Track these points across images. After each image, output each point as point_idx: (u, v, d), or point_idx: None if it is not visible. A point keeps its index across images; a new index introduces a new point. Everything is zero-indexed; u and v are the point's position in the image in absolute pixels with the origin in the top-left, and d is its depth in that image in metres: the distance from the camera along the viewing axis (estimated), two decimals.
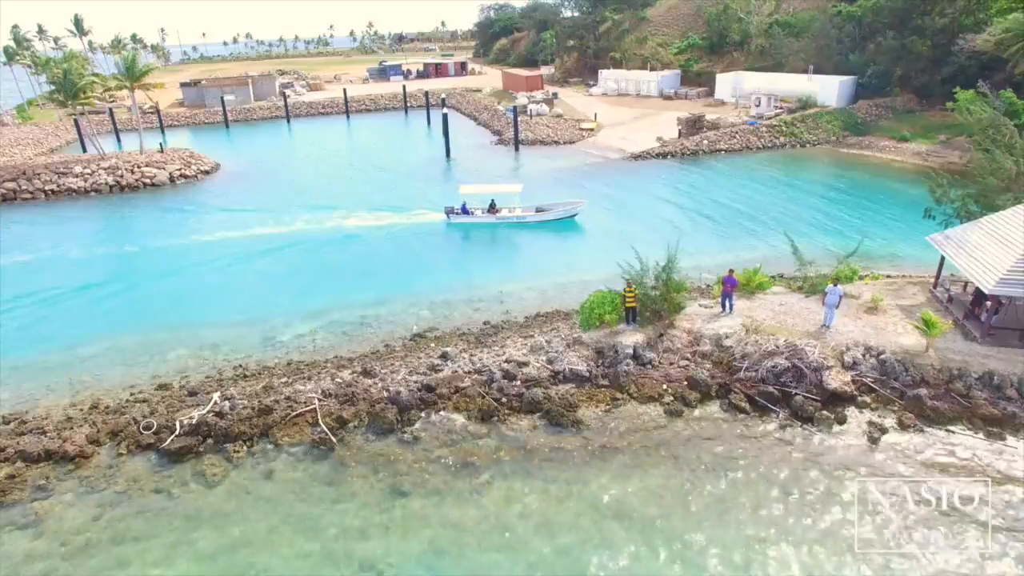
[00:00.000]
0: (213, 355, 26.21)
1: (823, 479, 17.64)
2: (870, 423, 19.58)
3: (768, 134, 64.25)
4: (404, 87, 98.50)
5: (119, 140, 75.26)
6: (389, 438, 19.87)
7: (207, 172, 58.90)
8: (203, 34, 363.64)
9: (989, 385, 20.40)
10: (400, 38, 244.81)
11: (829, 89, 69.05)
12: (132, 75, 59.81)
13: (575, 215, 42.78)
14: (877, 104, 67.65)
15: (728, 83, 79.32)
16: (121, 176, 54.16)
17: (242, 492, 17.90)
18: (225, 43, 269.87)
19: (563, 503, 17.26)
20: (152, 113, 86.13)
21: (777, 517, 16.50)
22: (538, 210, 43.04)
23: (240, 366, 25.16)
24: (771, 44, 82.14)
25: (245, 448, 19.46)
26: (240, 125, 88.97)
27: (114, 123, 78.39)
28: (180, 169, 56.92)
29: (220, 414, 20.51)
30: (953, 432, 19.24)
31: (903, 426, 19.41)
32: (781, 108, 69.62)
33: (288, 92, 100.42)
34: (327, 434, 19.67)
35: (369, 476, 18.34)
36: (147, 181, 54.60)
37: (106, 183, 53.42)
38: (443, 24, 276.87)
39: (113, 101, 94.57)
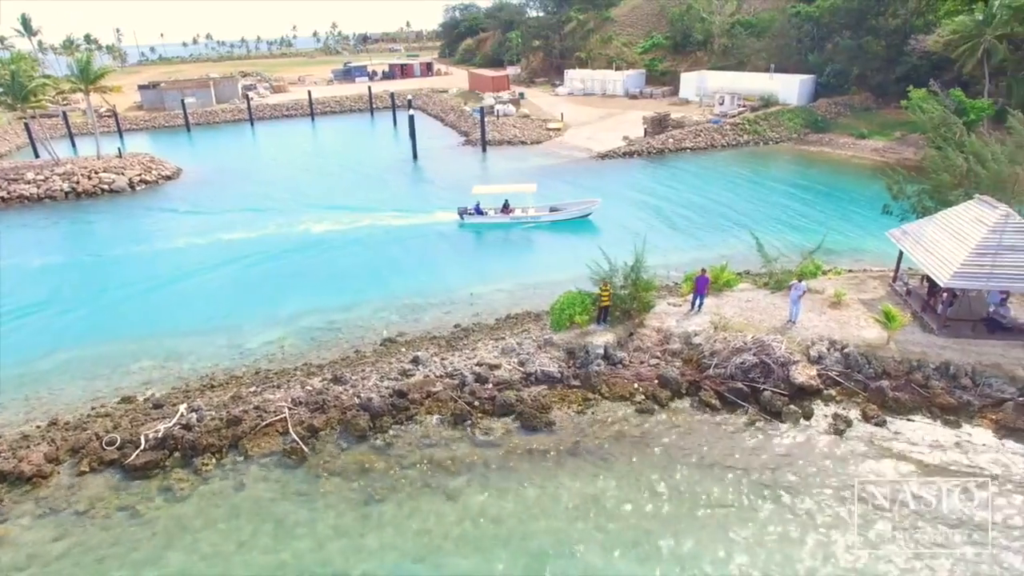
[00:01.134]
0: (179, 365, 25.65)
1: (793, 473, 17.99)
2: (835, 416, 20.05)
3: (732, 132, 65.31)
4: (369, 88, 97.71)
5: (74, 145, 73.18)
6: (362, 445, 19.68)
7: (169, 177, 57.55)
8: (161, 35, 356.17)
9: (946, 375, 21.06)
10: (365, 39, 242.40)
11: (790, 88, 70.51)
12: (87, 77, 58.07)
13: (589, 214, 42.69)
14: (836, 102, 69.28)
15: (692, 82, 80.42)
16: (77, 182, 52.58)
17: (212, 506, 17.53)
18: (184, 44, 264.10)
19: (538, 505, 17.30)
20: (109, 116, 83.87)
21: (750, 513, 16.77)
22: (552, 210, 42.89)
23: (207, 376, 24.67)
24: (733, 44, 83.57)
25: (214, 460, 19.06)
26: (202, 128, 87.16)
27: (68, 127, 76.10)
28: (140, 174, 55.51)
29: (187, 426, 20.04)
30: (913, 421, 19.82)
31: (867, 417, 19.92)
32: (744, 107, 70.84)
33: (251, 94, 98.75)
34: (298, 443, 19.40)
35: (342, 484, 18.14)
36: (105, 187, 53.10)
37: (61, 190, 51.81)
38: (408, 24, 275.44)
39: (67, 104, 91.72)
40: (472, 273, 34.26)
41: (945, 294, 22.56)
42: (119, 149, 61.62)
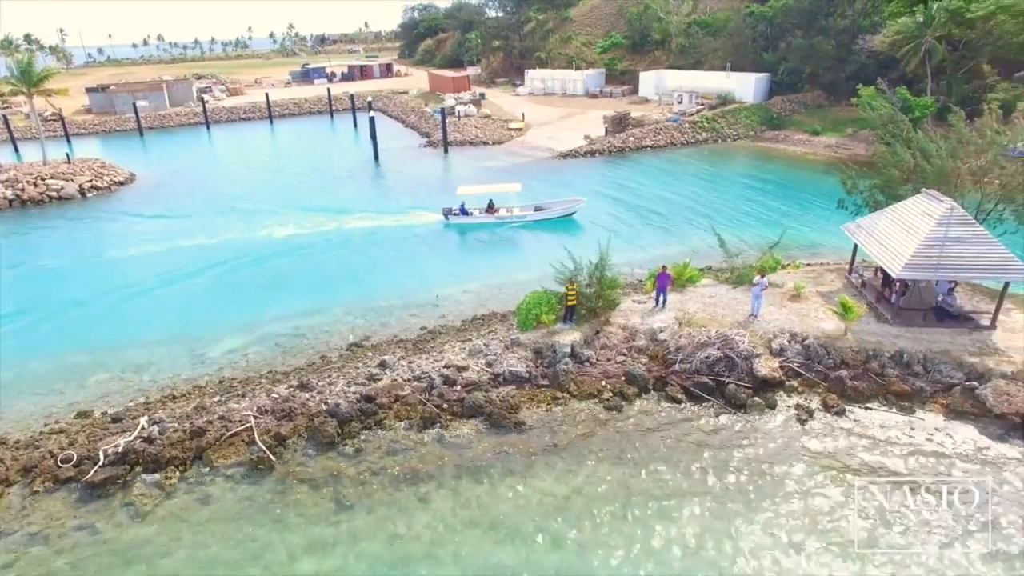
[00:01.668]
0: (138, 377, 24.90)
1: (760, 464, 18.40)
2: (798, 406, 20.59)
3: (691, 130, 66.45)
4: (329, 90, 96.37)
5: (17, 150, 70.47)
6: (330, 452, 19.44)
7: (122, 183, 55.81)
8: (109, 35, 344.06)
9: (900, 363, 21.80)
10: (322, 40, 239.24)
11: (746, 86, 72.08)
12: (29, 80, 55.90)
13: (573, 213, 42.78)
14: (790, 100, 71.10)
15: (651, 81, 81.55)
16: (22, 189, 50.54)
17: (177, 520, 17.09)
18: (134, 45, 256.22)
19: (510, 506, 17.33)
20: (55, 120, 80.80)
21: (720, 505, 17.09)
22: (537, 209, 42.90)
23: (168, 387, 24.03)
24: (690, 43, 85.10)
25: (178, 473, 18.59)
26: (156, 133, 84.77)
27: (10, 131, 73.08)
28: (91, 181, 53.69)
29: (148, 439, 19.50)
30: (871, 409, 20.48)
31: (827, 407, 20.50)
32: (702, 105, 72.14)
33: (207, 97, 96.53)
34: (265, 452, 19.05)
35: (312, 493, 17.89)
36: (53, 195, 51.22)
37: (5, 197, 49.63)
38: (366, 25, 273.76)
39: (7, 107, 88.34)
40: (437, 275, 34.10)
41: (897, 285, 23.36)
42: (67, 154, 59.54)
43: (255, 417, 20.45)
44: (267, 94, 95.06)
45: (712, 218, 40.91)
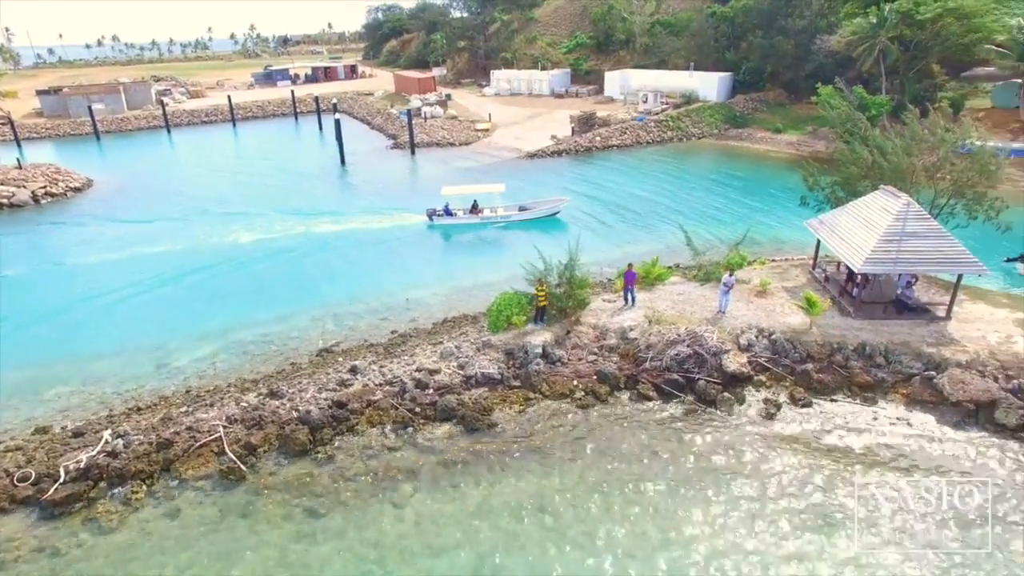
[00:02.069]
0: (100, 389, 24.20)
1: (731, 458, 18.72)
2: (766, 400, 20.99)
3: (656, 129, 67.25)
4: (292, 92, 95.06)
5: None
6: (303, 460, 19.18)
7: (78, 189, 54.13)
8: (60, 35, 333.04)
9: (863, 355, 22.37)
10: (285, 41, 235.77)
11: (709, 85, 73.21)
12: None
13: (557, 212, 42.83)
14: (752, 98, 72.45)
15: (616, 81, 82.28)
16: None
17: (144, 536, 16.66)
18: (88, 46, 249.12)
19: (485, 507, 17.33)
20: (4, 124, 78.18)
21: (693, 500, 17.34)
22: (521, 209, 42.86)
23: (132, 398, 23.45)
24: (654, 43, 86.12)
25: (145, 487, 18.12)
26: (113, 137, 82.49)
27: None
28: (44, 187, 51.97)
29: (113, 453, 18.99)
30: (836, 401, 20.98)
31: (794, 400, 20.95)
32: (667, 104, 73.06)
33: (166, 100, 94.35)
34: (236, 462, 18.70)
35: (284, 502, 17.63)
36: (4, 201, 49.33)
37: None
38: (330, 26, 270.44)
39: None
40: (407, 278, 33.90)
41: (859, 278, 23.98)
42: (18, 160, 57.67)
43: (224, 427, 20.08)
44: (229, 96, 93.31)
45: (679, 216, 41.49)
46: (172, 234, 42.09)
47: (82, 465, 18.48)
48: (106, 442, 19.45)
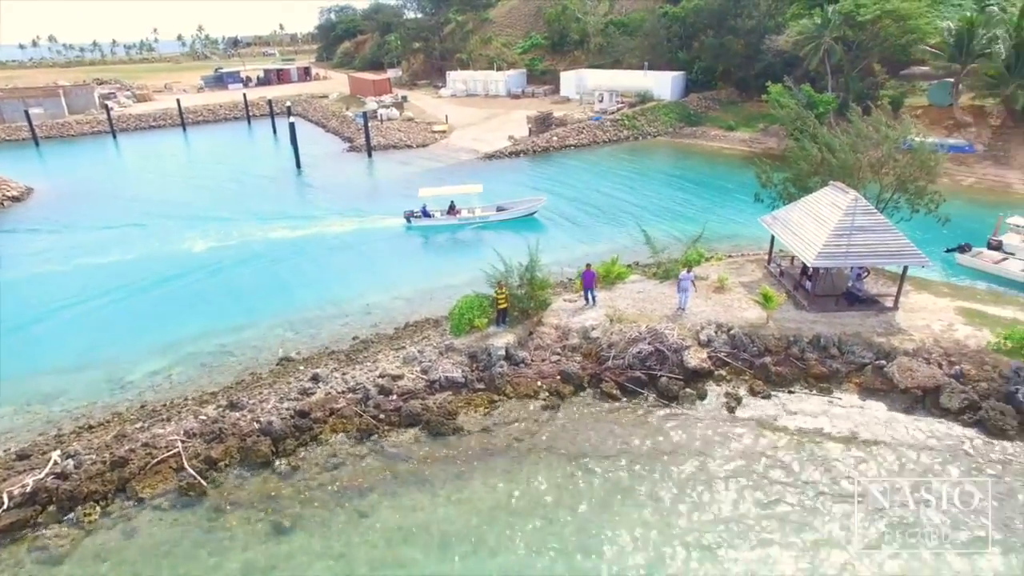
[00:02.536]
0: (46, 408, 23.21)
1: (695, 453, 19.04)
2: (727, 394, 21.45)
3: (612, 128, 67.95)
4: (245, 95, 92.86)
5: None
6: (265, 472, 18.80)
7: (16, 198, 51.80)
8: None
9: (817, 347, 23.05)
10: (235, 42, 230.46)
11: (663, 84, 74.33)
12: None
13: (535, 212, 42.78)
14: (705, 97, 73.83)
15: (572, 81, 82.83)
16: None
17: (98, 560, 16.04)
18: (22, 46, 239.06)
19: (453, 512, 17.26)
20: None
21: (660, 496, 17.58)
22: (499, 209, 42.67)
23: (83, 416, 22.57)
24: (608, 43, 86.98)
25: (99, 508, 17.47)
26: (54, 143, 79.16)
27: None
28: None
29: (63, 475, 18.23)
30: (794, 392, 21.57)
31: (754, 393, 21.47)
32: (622, 103, 73.91)
33: (111, 104, 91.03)
34: (196, 478, 18.19)
35: (248, 516, 17.24)
36: None
37: None
38: (281, 27, 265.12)
39: None
40: (368, 282, 33.50)
41: (812, 272, 24.69)
42: None
43: (183, 441, 19.52)
44: (178, 100, 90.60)
45: (638, 214, 42.06)
46: (122, 243, 40.69)
47: (28, 489, 17.66)
48: (55, 463, 18.69)
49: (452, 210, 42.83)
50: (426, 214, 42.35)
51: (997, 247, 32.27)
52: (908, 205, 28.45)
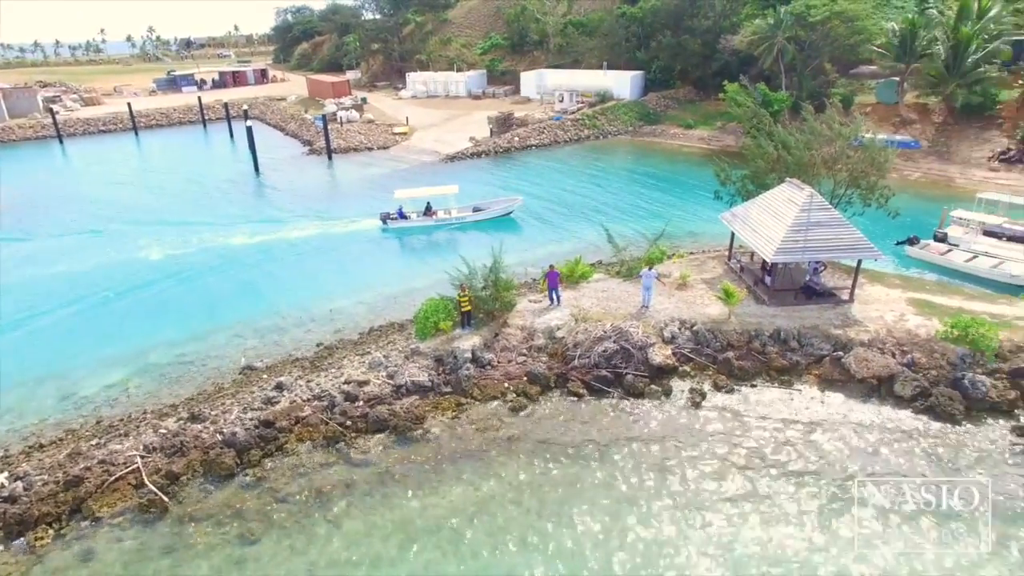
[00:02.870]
0: None
1: (663, 448, 19.28)
2: (692, 390, 21.77)
3: (573, 128, 68.43)
4: (200, 98, 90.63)
5: None
6: (230, 484, 18.40)
7: None
8: None
9: (778, 340, 23.59)
10: (188, 44, 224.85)
11: (622, 83, 75.13)
12: None
13: (511, 212, 42.73)
14: (664, 96, 74.87)
15: (532, 81, 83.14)
16: None
17: None
18: None
19: (423, 517, 17.16)
20: None
21: (631, 493, 17.74)
22: (475, 210, 42.52)
23: (32, 435, 21.71)
24: (567, 43, 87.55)
25: (52, 531, 16.81)
26: None
27: None
28: None
29: (11, 498, 17.46)
30: (756, 386, 22.01)
31: (718, 387, 21.84)
32: (582, 103, 74.48)
33: (57, 107, 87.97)
34: (157, 494, 17.70)
35: (213, 531, 16.84)
36: None
37: None
38: (236, 28, 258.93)
39: None
40: (330, 288, 33.04)
41: (771, 267, 25.25)
42: None
43: (142, 457, 18.99)
44: (129, 104, 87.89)
45: (601, 213, 42.42)
46: (75, 252, 39.34)
47: None
48: (2, 486, 17.95)
49: (428, 211, 42.68)
50: (402, 216, 42.13)
51: (943, 239, 33.54)
52: (860, 200, 29.30)
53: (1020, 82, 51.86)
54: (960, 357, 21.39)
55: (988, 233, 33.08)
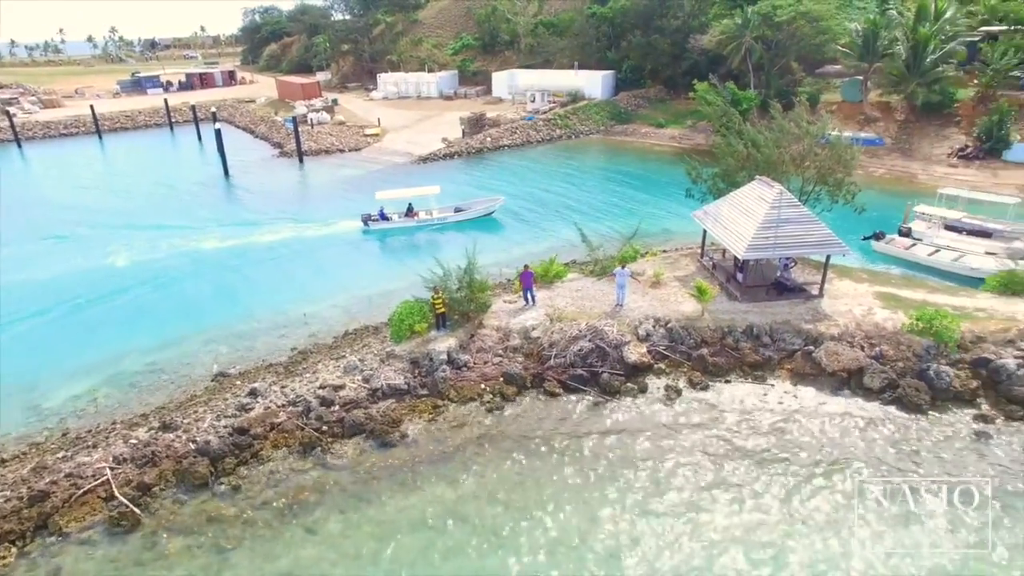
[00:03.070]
0: None
1: (640, 446, 19.45)
2: (667, 387, 22.00)
3: (545, 128, 68.66)
4: (166, 101, 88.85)
5: None
6: (204, 494, 18.10)
7: None
8: None
9: (751, 336, 23.94)
10: (153, 44, 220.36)
11: (593, 83, 75.61)
12: None
13: (493, 212, 42.68)
14: (635, 95, 75.50)
15: (504, 81, 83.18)
16: None
17: None
18: None
19: (402, 520, 17.08)
20: None
21: (607, 491, 17.85)
22: (457, 210, 42.39)
23: None
24: (538, 43, 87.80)
25: (15, 550, 16.26)
26: None
27: None
28: None
29: None
30: (731, 382, 22.32)
31: (693, 384, 22.10)
32: (554, 103, 74.76)
33: (14, 110, 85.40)
34: (128, 506, 17.32)
35: (187, 542, 16.54)
36: None
37: None
38: (203, 29, 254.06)
39: None
40: (302, 292, 32.60)
41: (743, 264, 25.62)
42: None
43: (112, 468, 18.57)
44: (92, 106, 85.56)
45: (574, 212, 42.61)
46: (35, 260, 38.26)
47: None
48: None
49: (410, 212, 42.53)
50: (384, 217, 41.94)
51: (907, 234, 34.40)
52: (828, 197, 29.87)
53: (975, 81, 53.43)
54: (925, 349, 21.97)
55: (949, 228, 34.01)
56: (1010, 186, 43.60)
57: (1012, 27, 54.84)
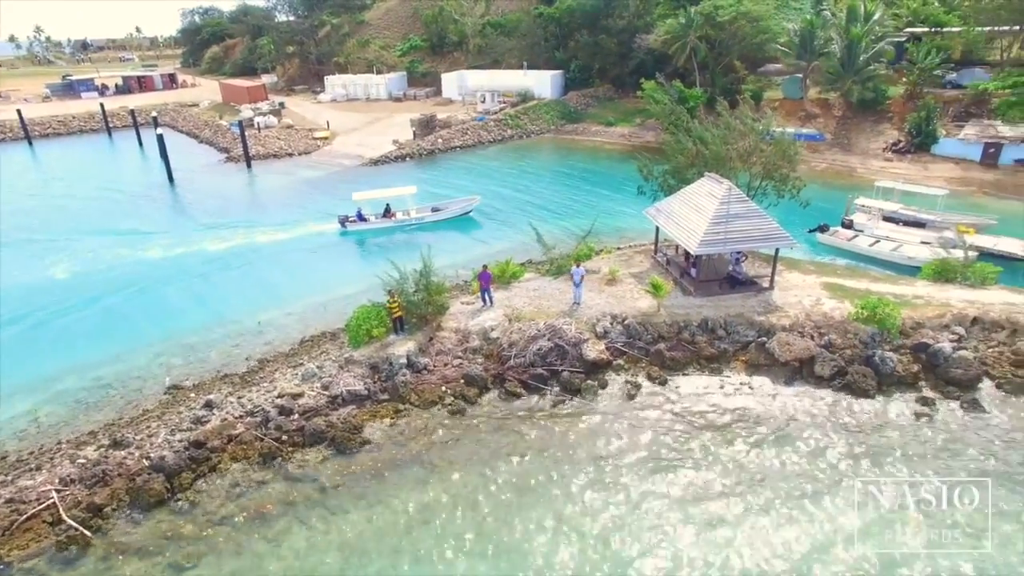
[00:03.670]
0: None
1: (603, 442, 19.72)
2: (627, 382, 22.36)
3: (496, 128, 68.80)
4: (102, 105, 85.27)
5: None
6: (161, 511, 17.54)
7: None
8: None
9: (706, 330, 24.54)
10: (85, 45, 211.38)
11: (542, 83, 76.15)
12: None
13: (470, 211, 42.60)
14: (584, 94, 76.31)
15: (453, 82, 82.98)
16: None
17: None
18: None
19: (368, 527, 16.92)
20: None
21: (572, 489, 18.04)
22: (434, 210, 42.16)
23: None
24: (486, 43, 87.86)
25: None
26: None
27: None
28: None
29: None
30: (688, 375, 22.82)
31: (652, 378, 22.52)
32: (504, 103, 74.99)
33: None
34: (78, 529, 16.63)
35: (144, 563, 16.00)
36: None
37: None
38: (138, 30, 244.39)
39: None
40: (255, 299, 31.80)
41: (696, 259, 26.22)
42: None
43: (58, 490, 17.80)
44: (19, 110, 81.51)
45: (528, 212, 42.83)
46: None
47: None
48: None
49: (387, 213, 42.21)
50: (361, 218, 41.56)
51: (849, 226, 35.83)
52: (775, 191, 30.82)
53: (904, 80, 56.08)
54: (871, 336, 22.93)
55: (887, 219, 35.58)
56: (939, 178, 45.89)
57: (932, 29, 58.00)
